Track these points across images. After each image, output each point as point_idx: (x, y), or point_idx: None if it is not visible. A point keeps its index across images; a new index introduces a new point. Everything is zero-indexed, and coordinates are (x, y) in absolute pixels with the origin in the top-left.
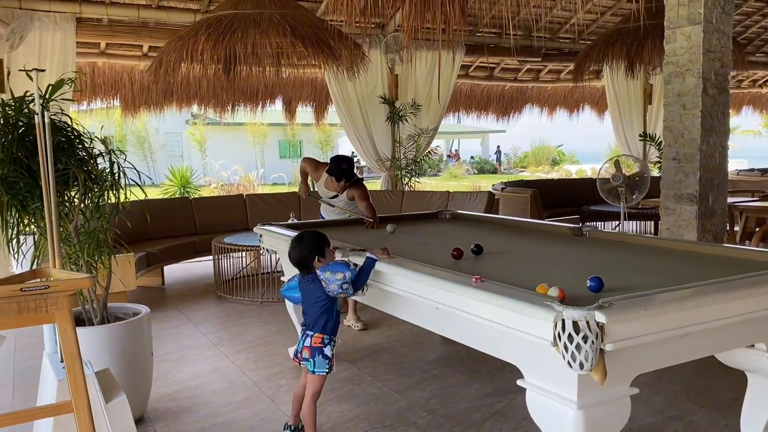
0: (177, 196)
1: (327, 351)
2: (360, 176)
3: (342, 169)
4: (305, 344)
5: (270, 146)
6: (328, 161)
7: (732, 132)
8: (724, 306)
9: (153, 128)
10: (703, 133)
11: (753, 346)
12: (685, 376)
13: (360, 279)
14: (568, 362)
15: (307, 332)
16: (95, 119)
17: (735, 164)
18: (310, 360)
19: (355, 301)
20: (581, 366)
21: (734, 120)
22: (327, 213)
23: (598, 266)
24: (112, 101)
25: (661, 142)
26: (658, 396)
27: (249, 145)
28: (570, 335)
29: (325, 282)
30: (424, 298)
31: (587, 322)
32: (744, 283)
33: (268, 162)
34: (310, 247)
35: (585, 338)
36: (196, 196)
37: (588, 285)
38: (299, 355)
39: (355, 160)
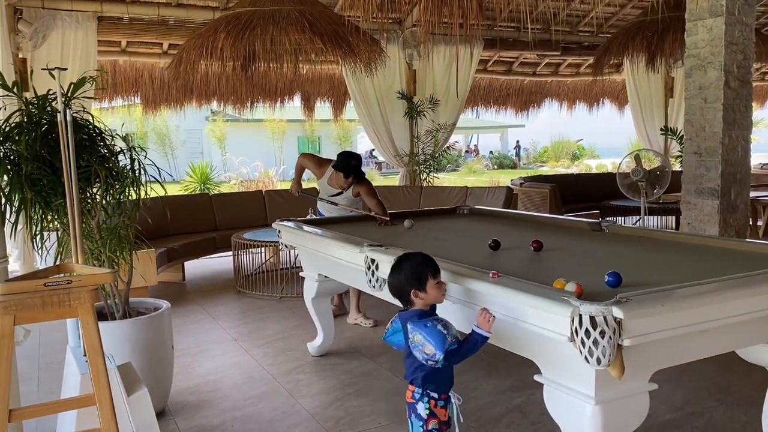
0: (197, 192)
1: (420, 409)
2: (380, 171)
3: (351, 164)
4: (406, 398)
5: (289, 142)
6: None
7: (756, 125)
8: (745, 301)
9: (173, 125)
10: (725, 126)
11: None
12: (705, 372)
13: (457, 356)
14: (585, 357)
15: (408, 379)
16: (117, 117)
17: (759, 158)
18: (409, 419)
19: (358, 298)
20: (598, 361)
21: (758, 113)
22: (327, 210)
23: (616, 261)
24: (133, 99)
25: (682, 136)
26: (678, 392)
27: (268, 141)
28: (587, 330)
29: (411, 345)
30: None
31: (605, 318)
32: (765, 279)
33: (287, 158)
34: (407, 276)
35: (602, 333)
36: (216, 192)
37: (606, 280)
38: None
39: (373, 155)
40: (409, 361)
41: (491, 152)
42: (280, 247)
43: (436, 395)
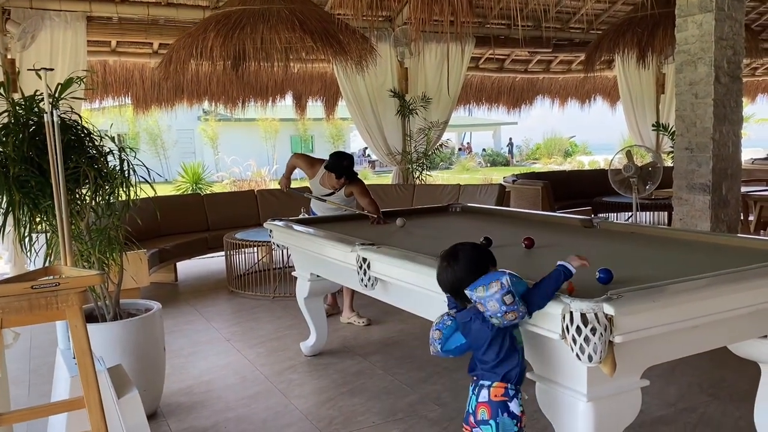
0: (189, 192)
1: (513, 407)
2: (373, 170)
3: (343, 165)
4: (480, 399)
5: (282, 141)
6: (327, 158)
7: (747, 120)
8: (736, 297)
9: (165, 125)
10: (715, 122)
11: (766, 336)
12: (698, 367)
13: (540, 289)
14: (577, 355)
15: (481, 382)
16: (108, 117)
17: (750, 153)
18: (491, 422)
19: (351, 297)
20: (590, 358)
21: (749, 108)
22: (319, 209)
23: (608, 258)
24: (124, 99)
25: (674, 132)
26: (670, 388)
27: (261, 140)
28: (578, 327)
29: (481, 304)
30: (433, 292)
31: (596, 314)
32: (756, 274)
33: (280, 157)
34: (469, 267)
35: (593, 330)
36: (208, 192)
37: (597, 277)
38: (472, 419)
39: (367, 153)
40: (490, 352)
41: (484, 150)
42: (273, 246)
43: (522, 392)
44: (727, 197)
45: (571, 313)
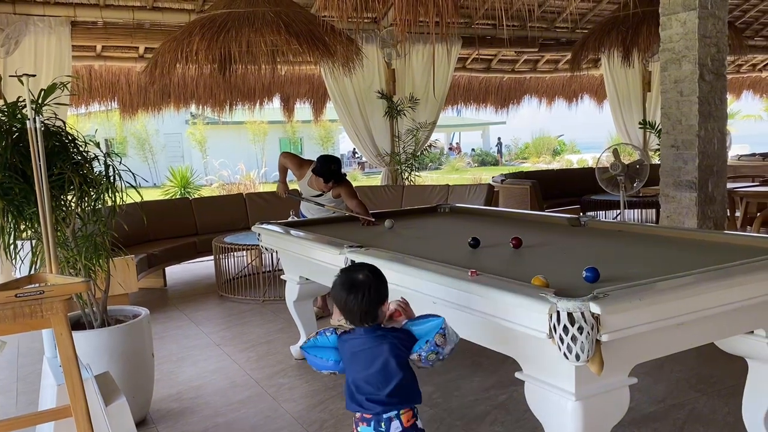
0: (177, 196)
1: (420, 423)
2: (362, 171)
3: (330, 170)
4: None
5: (271, 144)
6: (315, 159)
7: (732, 117)
8: (722, 293)
9: (153, 129)
10: (700, 119)
11: (752, 332)
12: (686, 363)
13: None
14: (564, 354)
15: (386, 416)
16: (94, 122)
17: (736, 149)
18: None
19: None
20: (577, 357)
21: (735, 105)
22: (308, 211)
23: (595, 256)
24: (110, 103)
25: (660, 129)
26: (659, 384)
27: (250, 143)
28: (565, 327)
29: (420, 358)
30: (421, 293)
31: (582, 313)
32: (742, 270)
33: (269, 160)
34: (378, 285)
35: (580, 329)
36: (197, 196)
37: (584, 275)
38: None
39: (356, 155)
40: (388, 377)
41: (473, 150)
42: (262, 250)
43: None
44: (714, 194)
45: (558, 312)
